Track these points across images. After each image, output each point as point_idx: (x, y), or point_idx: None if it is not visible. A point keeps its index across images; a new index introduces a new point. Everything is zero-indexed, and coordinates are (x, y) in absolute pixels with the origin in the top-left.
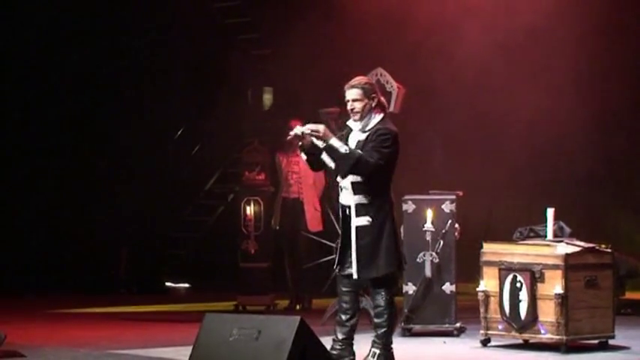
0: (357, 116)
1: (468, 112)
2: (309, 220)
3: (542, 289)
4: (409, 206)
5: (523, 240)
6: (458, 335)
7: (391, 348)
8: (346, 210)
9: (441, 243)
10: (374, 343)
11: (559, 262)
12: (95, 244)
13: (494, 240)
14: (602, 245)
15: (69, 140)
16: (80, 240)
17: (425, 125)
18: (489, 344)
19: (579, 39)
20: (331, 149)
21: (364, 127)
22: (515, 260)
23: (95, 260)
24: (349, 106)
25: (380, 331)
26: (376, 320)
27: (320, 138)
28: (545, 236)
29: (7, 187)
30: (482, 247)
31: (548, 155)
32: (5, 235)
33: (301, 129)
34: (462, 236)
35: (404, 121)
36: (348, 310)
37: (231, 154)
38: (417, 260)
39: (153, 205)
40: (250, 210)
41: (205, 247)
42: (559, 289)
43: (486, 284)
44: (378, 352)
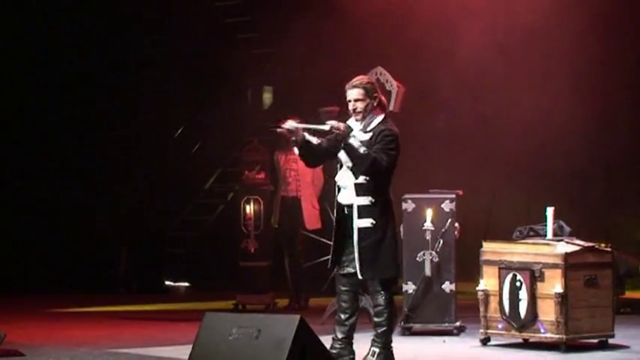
0: (359, 116)
1: (468, 112)
2: (306, 218)
3: (541, 288)
4: (409, 205)
5: (523, 239)
6: (457, 334)
7: (391, 347)
8: (345, 209)
9: (441, 242)
10: (374, 342)
11: (559, 261)
12: (95, 243)
13: (493, 239)
14: (602, 244)
15: (69, 140)
16: (80, 239)
17: (425, 125)
18: (489, 343)
19: (579, 39)
20: (350, 149)
21: (366, 126)
22: (515, 259)
23: (95, 259)
24: (351, 106)
25: (380, 330)
26: (376, 319)
27: (340, 137)
28: (545, 235)
29: (7, 186)
30: (481, 246)
31: (547, 154)
32: (5, 235)
33: (294, 124)
34: (461, 235)
35: (403, 120)
36: (347, 310)
37: (231, 153)
38: (417, 259)
39: (153, 205)
40: (250, 209)
41: (205, 246)
42: (559, 288)
43: (486, 283)
44: (377, 351)
